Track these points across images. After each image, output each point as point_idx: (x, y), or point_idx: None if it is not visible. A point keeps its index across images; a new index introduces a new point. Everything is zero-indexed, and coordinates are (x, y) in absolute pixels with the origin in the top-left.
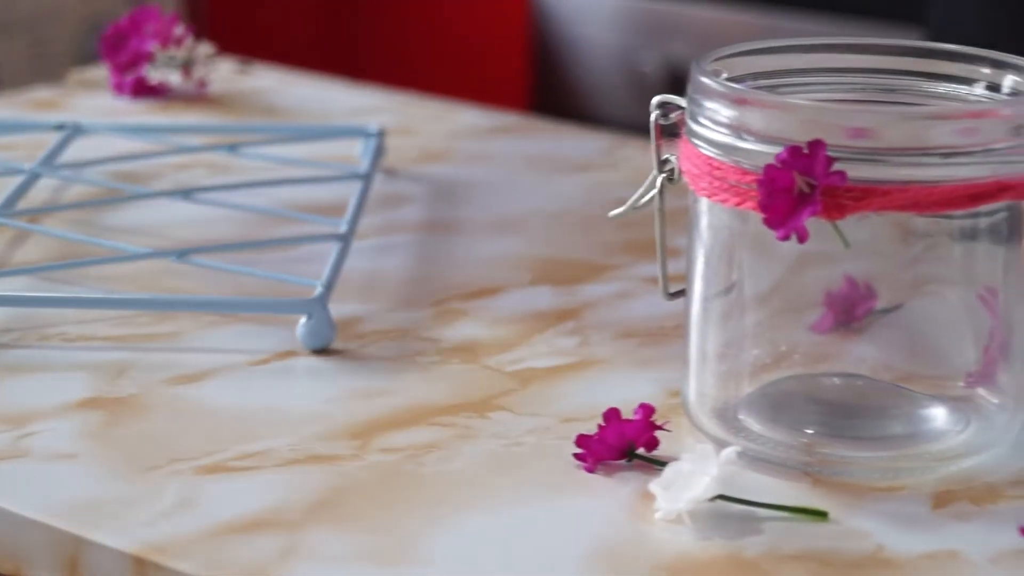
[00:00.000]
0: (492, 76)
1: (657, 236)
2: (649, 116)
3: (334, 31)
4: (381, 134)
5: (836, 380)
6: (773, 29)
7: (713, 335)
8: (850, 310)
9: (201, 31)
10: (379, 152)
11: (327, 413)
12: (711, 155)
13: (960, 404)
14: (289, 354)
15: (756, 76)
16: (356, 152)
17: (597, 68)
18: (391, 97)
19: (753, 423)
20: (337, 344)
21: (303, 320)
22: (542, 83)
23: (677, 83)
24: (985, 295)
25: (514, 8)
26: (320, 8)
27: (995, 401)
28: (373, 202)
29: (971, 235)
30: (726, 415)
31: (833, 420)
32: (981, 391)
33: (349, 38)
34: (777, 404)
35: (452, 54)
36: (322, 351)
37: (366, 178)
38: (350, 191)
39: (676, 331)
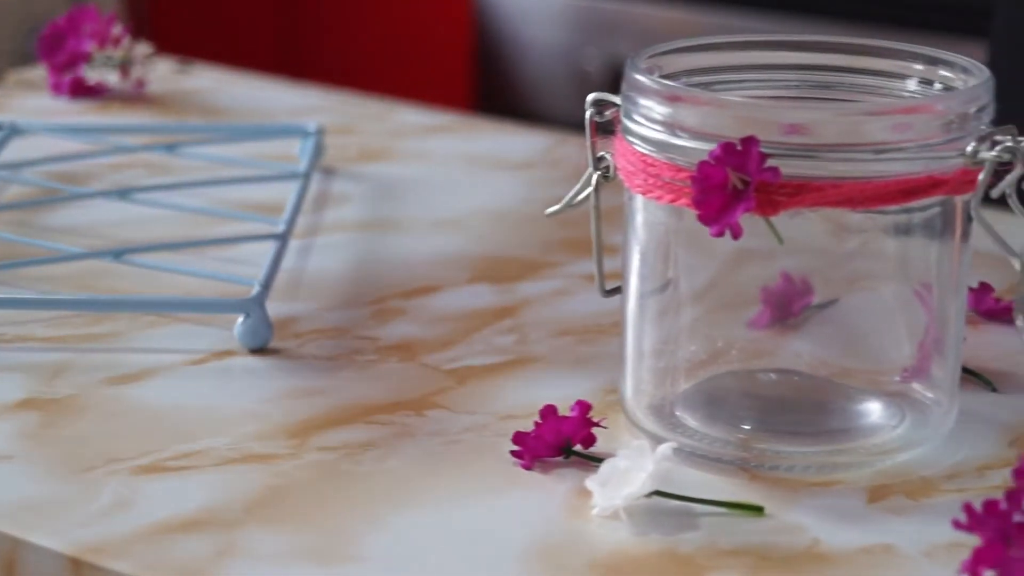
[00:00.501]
0: (436, 75)
1: (593, 234)
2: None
3: (275, 31)
4: (320, 133)
5: (772, 376)
6: (718, 27)
7: (649, 332)
8: (786, 306)
9: (140, 31)
10: (318, 151)
11: (264, 412)
12: (645, 152)
13: (895, 399)
14: (227, 353)
15: (691, 73)
16: (295, 151)
17: (540, 67)
18: (331, 96)
19: (690, 419)
20: (275, 343)
21: (241, 319)
22: (486, 82)
23: (620, 82)
24: (920, 290)
25: (457, 7)
26: (261, 8)
27: (930, 396)
28: (312, 201)
29: (905, 230)
30: (663, 411)
31: (769, 416)
32: (916, 386)
33: (290, 37)
34: (713, 400)
35: (395, 54)
36: (260, 350)
37: (304, 177)
38: (289, 190)
39: (613, 328)
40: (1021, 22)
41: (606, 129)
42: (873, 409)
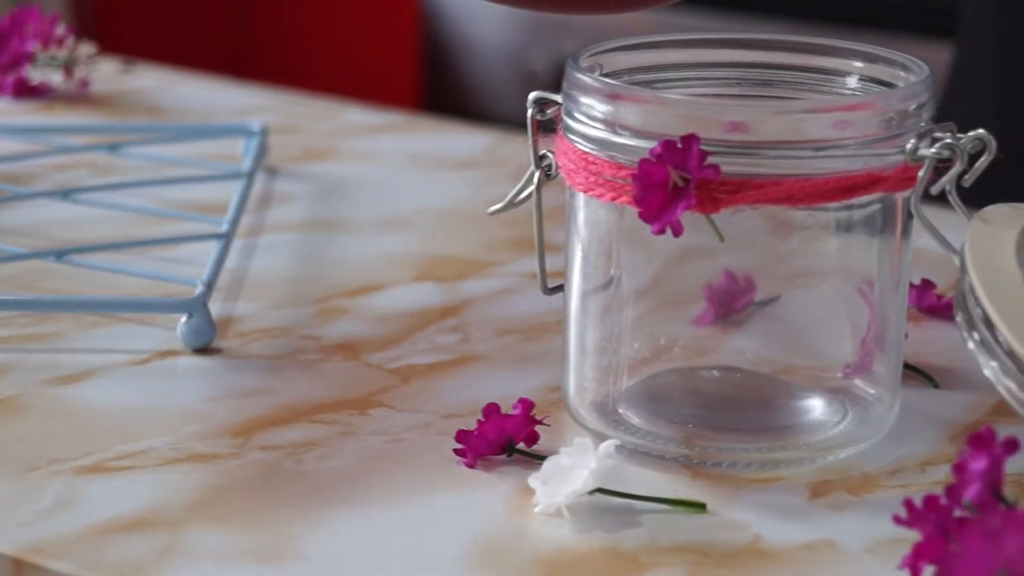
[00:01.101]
0: (384, 75)
1: (535, 232)
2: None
3: (221, 30)
4: (264, 132)
5: (716, 373)
6: (667, 26)
7: (592, 330)
8: (729, 303)
9: (84, 31)
10: (262, 151)
11: (207, 412)
12: (587, 150)
13: (838, 395)
14: (170, 353)
15: (632, 71)
16: (239, 151)
17: (488, 67)
18: (276, 96)
19: (632, 417)
20: (218, 343)
21: (183, 319)
22: (434, 82)
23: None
24: (861, 287)
25: (405, 7)
26: (207, 7)
27: (872, 392)
28: (256, 201)
29: (846, 227)
30: (605, 409)
31: (712, 413)
32: (858, 382)
33: (237, 37)
34: (656, 397)
35: (343, 54)
36: (203, 350)
37: (248, 177)
38: (232, 190)
39: (557, 327)
40: (987, 22)
41: (548, 127)
42: (815, 406)
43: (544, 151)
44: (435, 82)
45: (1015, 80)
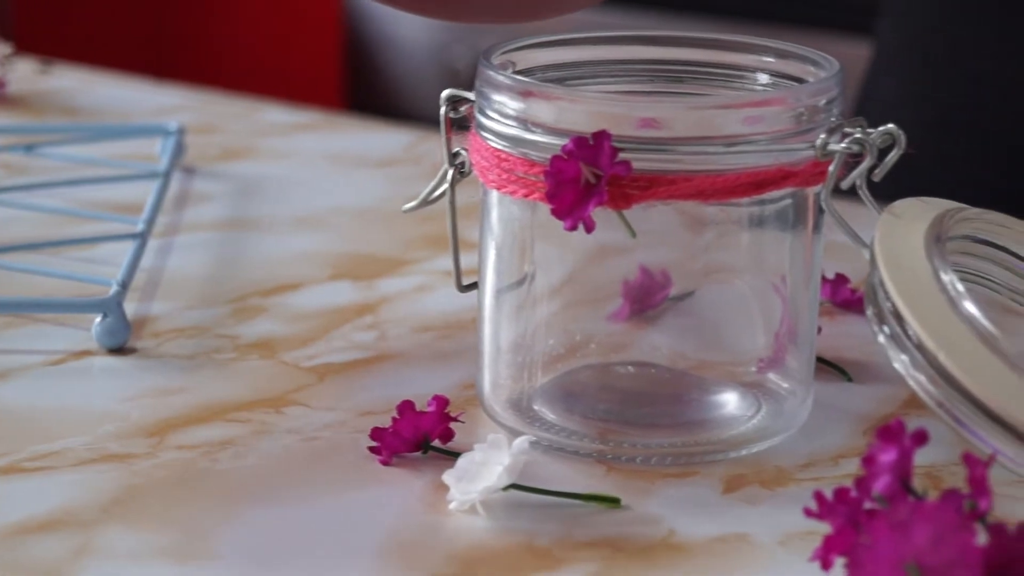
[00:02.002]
0: (306, 75)
1: (449, 229)
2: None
3: (143, 30)
4: (180, 132)
5: (630, 368)
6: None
7: (506, 327)
8: (644, 299)
9: (0, 31)
10: (178, 150)
11: (122, 412)
12: (499, 148)
13: (752, 390)
14: (85, 354)
15: (545, 69)
16: (156, 151)
17: (410, 65)
18: (194, 95)
19: (547, 413)
20: (133, 343)
21: (98, 319)
22: (356, 81)
23: None
24: (774, 281)
25: (327, 6)
26: (127, 7)
27: (785, 386)
28: (172, 200)
29: (758, 222)
30: (520, 406)
31: (626, 408)
32: (772, 376)
33: (158, 37)
34: (571, 393)
35: (265, 53)
36: (118, 350)
37: (164, 176)
38: (149, 190)
39: (473, 324)
40: (905, 18)
41: (462, 125)
42: (729, 400)
43: (458, 149)
44: (358, 81)
45: (932, 75)
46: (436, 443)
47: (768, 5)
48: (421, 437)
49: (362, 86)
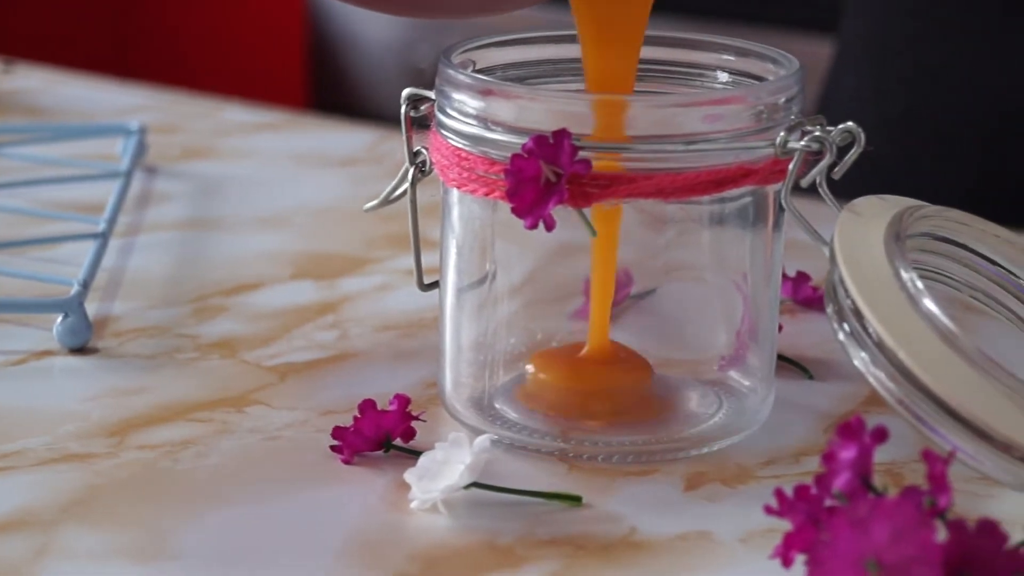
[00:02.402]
0: (270, 74)
1: (411, 228)
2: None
3: (104, 29)
4: (142, 131)
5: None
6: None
7: (468, 326)
8: None
9: None
10: (140, 150)
11: (83, 412)
12: (460, 146)
13: (713, 387)
14: (46, 354)
15: (506, 68)
16: (118, 151)
17: (374, 64)
18: (156, 95)
19: (509, 411)
20: (95, 343)
21: (59, 319)
22: (320, 81)
23: None
24: (735, 279)
25: (290, 6)
26: (90, 6)
27: (747, 384)
28: (133, 200)
29: (719, 220)
30: (482, 404)
31: (588, 407)
32: (733, 374)
33: (122, 37)
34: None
35: (229, 53)
36: (79, 350)
37: (126, 176)
38: (110, 190)
39: (435, 322)
40: (867, 15)
41: (423, 124)
42: (691, 398)
43: (418, 147)
44: (322, 80)
45: (893, 72)
46: (398, 442)
47: (731, 4)
48: (383, 436)
49: (326, 86)
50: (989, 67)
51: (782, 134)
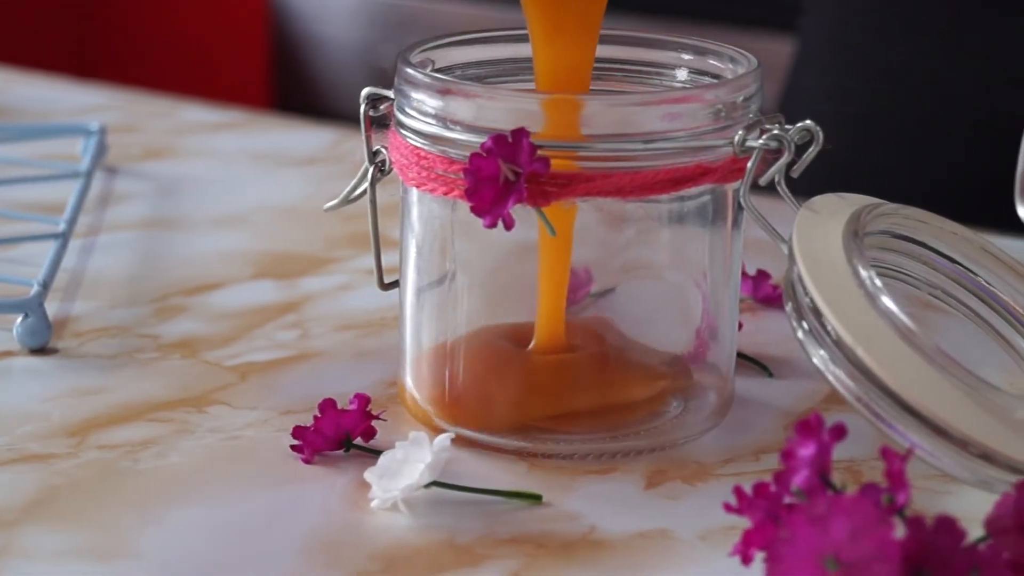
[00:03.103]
0: (234, 75)
1: (371, 227)
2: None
3: (65, 29)
4: (102, 132)
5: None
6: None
7: (428, 324)
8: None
9: None
10: (100, 150)
11: (44, 412)
12: (419, 145)
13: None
14: (6, 354)
15: (465, 67)
16: (78, 151)
17: (337, 65)
18: (117, 95)
19: (472, 410)
20: (55, 343)
21: (19, 320)
22: (284, 81)
23: None
24: (695, 277)
25: (253, 6)
26: (48, 5)
27: (707, 382)
28: (94, 200)
29: (678, 219)
30: (443, 403)
31: (548, 405)
32: (693, 372)
33: (81, 36)
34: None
35: (192, 54)
36: (39, 350)
37: (86, 176)
38: (70, 190)
39: (396, 322)
40: (827, 11)
41: (382, 123)
42: (651, 396)
43: (378, 147)
44: (285, 80)
45: (853, 70)
46: (358, 441)
47: (692, 3)
48: (343, 435)
49: (289, 86)
50: (949, 65)
51: (740, 132)
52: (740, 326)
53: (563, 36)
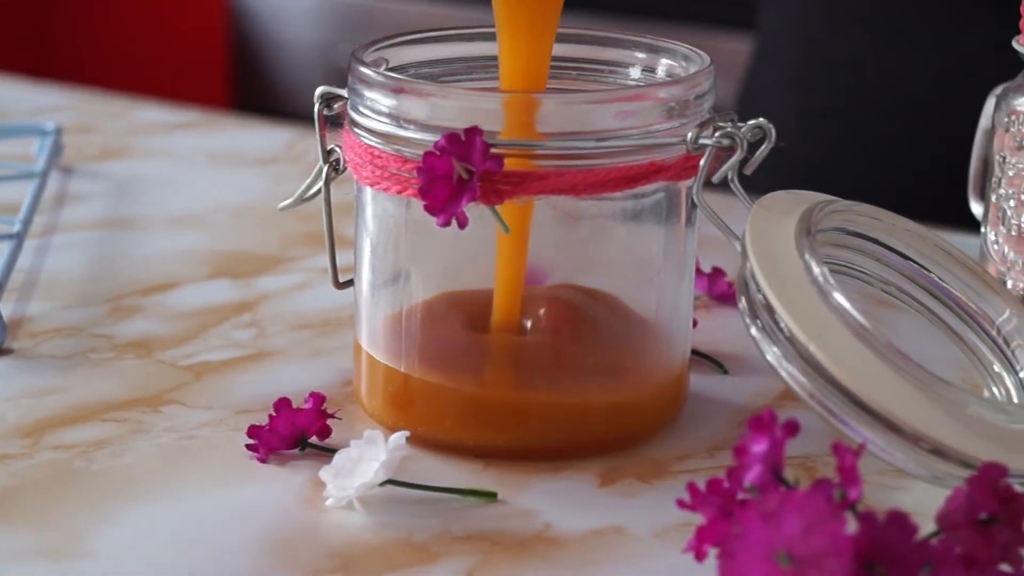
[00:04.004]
0: (193, 75)
1: (325, 226)
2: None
3: (22, 28)
4: (58, 132)
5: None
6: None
7: (383, 323)
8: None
9: None
10: (56, 150)
11: None
12: (372, 144)
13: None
14: None
15: (419, 65)
16: (33, 151)
17: (297, 65)
18: (72, 95)
19: (427, 408)
20: (10, 343)
21: None
22: (243, 81)
23: None
24: (650, 275)
25: (212, 7)
26: (2, 4)
27: (661, 379)
28: (49, 201)
29: (632, 216)
30: (398, 400)
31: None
32: (648, 369)
33: (39, 36)
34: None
35: (152, 54)
36: None
37: (41, 176)
38: (25, 190)
39: (351, 320)
40: (788, 10)
41: (336, 122)
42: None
43: (332, 146)
44: (244, 80)
45: (812, 63)
46: (313, 440)
47: (652, 2)
48: (298, 434)
49: (248, 85)
50: (905, 61)
51: (693, 130)
52: (695, 323)
53: (525, 34)
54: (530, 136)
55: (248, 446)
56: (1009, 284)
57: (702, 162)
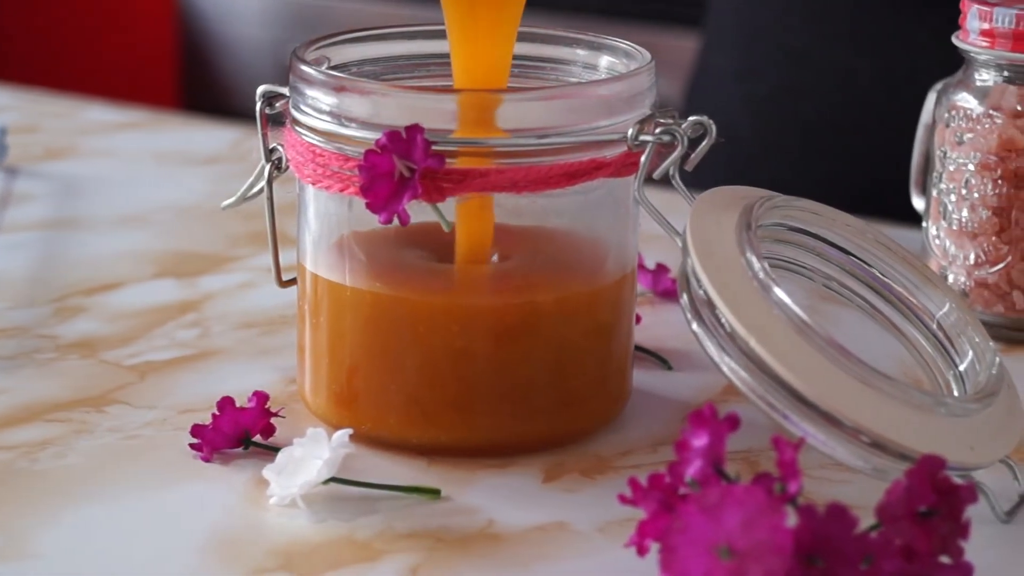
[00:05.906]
0: (140, 74)
1: (268, 225)
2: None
3: None
4: (3, 132)
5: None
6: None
7: (326, 321)
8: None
9: None
10: (0, 151)
11: None
12: (314, 143)
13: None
14: None
15: (361, 64)
16: None
17: (246, 64)
18: (17, 95)
19: (370, 405)
20: None
21: None
22: (191, 80)
23: None
24: (594, 270)
25: (161, 6)
26: None
27: (605, 375)
28: None
29: (575, 213)
30: (342, 398)
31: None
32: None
33: None
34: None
35: (98, 53)
36: None
37: None
38: None
39: (296, 319)
40: (733, 3)
41: (278, 121)
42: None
43: (274, 144)
44: (193, 80)
45: (759, 53)
46: (257, 439)
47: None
48: (241, 433)
49: (197, 85)
50: (850, 54)
51: (634, 127)
52: (638, 319)
53: (479, 33)
54: (472, 134)
55: (192, 445)
56: (951, 279)
57: (643, 159)
